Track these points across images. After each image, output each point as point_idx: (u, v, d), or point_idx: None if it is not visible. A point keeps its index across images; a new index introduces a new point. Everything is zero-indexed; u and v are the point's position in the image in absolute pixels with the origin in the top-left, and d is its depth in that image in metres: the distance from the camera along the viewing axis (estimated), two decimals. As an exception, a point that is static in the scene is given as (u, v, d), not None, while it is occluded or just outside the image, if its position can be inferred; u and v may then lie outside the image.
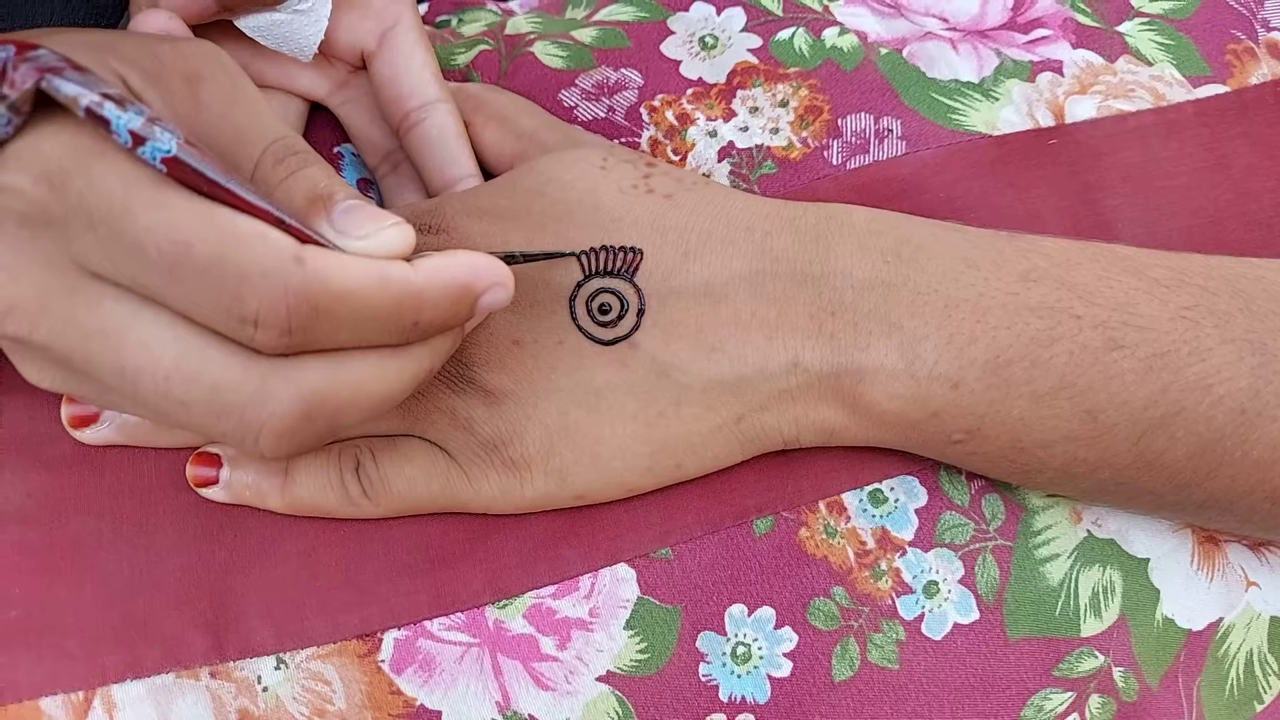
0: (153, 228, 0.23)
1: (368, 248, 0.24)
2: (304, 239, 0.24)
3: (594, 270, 0.30)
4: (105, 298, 0.24)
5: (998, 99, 0.35)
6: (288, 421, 0.24)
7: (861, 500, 0.32)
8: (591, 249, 0.30)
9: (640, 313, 0.29)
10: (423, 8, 0.43)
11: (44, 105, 0.24)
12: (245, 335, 0.23)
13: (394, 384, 0.25)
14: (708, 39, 0.36)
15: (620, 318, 0.30)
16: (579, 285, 0.30)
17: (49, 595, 0.30)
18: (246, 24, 0.34)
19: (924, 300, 0.29)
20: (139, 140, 0.23)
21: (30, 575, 0.30)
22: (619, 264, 0.30)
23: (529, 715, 0.30)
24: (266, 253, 0.23)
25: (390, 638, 0.30)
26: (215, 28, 0.35)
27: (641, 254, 0.30)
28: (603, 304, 0.29)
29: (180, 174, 0.23)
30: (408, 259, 0.25)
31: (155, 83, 0.25)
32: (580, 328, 0.30)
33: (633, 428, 0.30)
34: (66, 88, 0.23)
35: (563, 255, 0.30)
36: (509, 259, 0.28)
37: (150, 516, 0.31)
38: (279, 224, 0.24)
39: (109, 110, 0.23)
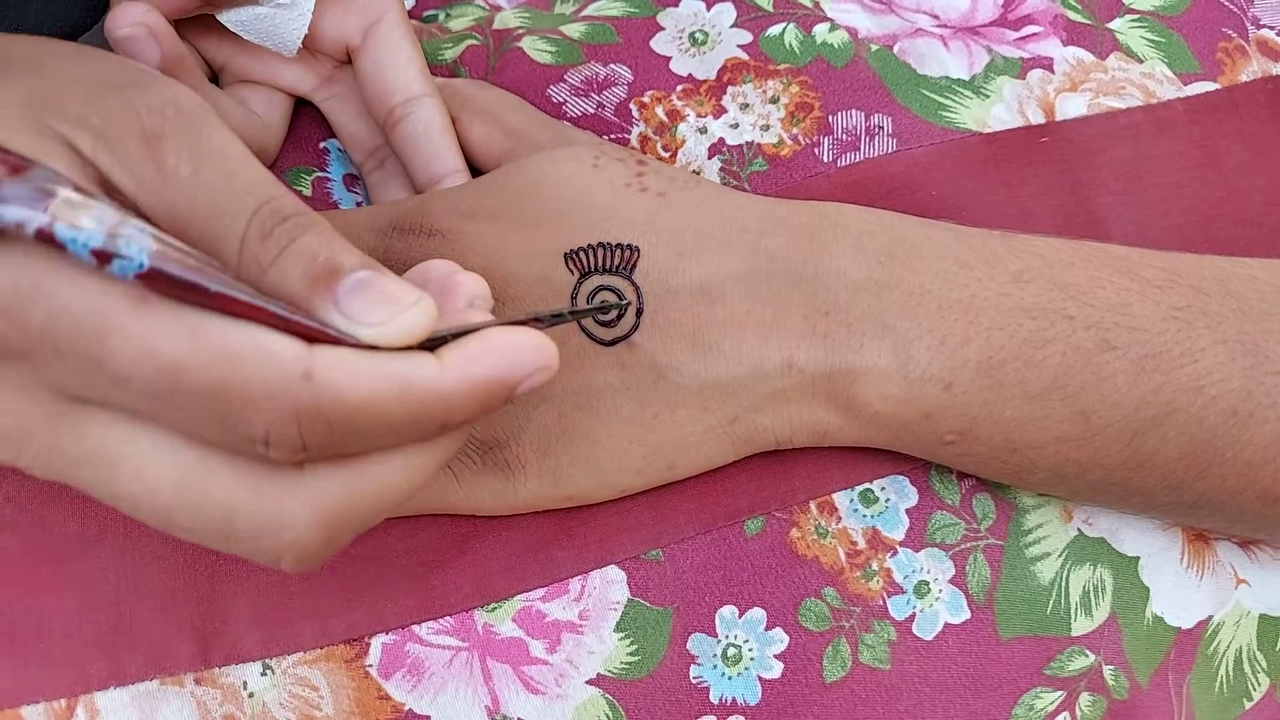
0: (135, 358, 0.20)
1: (384, 337, 0.21)
2: (311, 335, 0.21)
3: (593, 268, 0.29)
4: (92, 423, 0.21)
5: (988, 96, 0.35)
6: (309, 547, 0.22)
7: (852, 500, 0.32)
8: (590, 246, 0.29)
9: (639, 313, 0.29)
10: (409, 2, 0.43)
11: None
12: (257, 453, 0.21)
13: (418, 480, 0.23)
14: (698, 35, 0.36)
15: (620, 317, 0.29)
16: (579, 284, 0.30)
17: (30, 602, 0.29)
18: (229, 18, 0.33)
19: (917, 301, 0.29)
20: (105, 258, 0.19)
21: (11, 582, 0.30)
22: (618, 262, 0.29)
23: (519, 719, 0.30)
24: (268, 372, 0.20)
25: (378, 642, 0.30)
26: (198, 22, 0.34)
27: (639, 251, 0.29)
28: (603, 303, 0.29)
29: (160, 286, 0.20)
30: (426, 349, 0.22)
31: (107, 145, 0.22)
32: (582, 327, 0.29)
33: (628, 429, 0.29)
34: (8, 213, 0.19)
35: (614, 306, 0.28)
36: (556, 319, 0.25)
37: (133, 521, 0.30)
38: (281, 322, 0.20)
39: (62, 232, 0.19)
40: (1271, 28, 0.37)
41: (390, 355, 0.21)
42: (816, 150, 0.34)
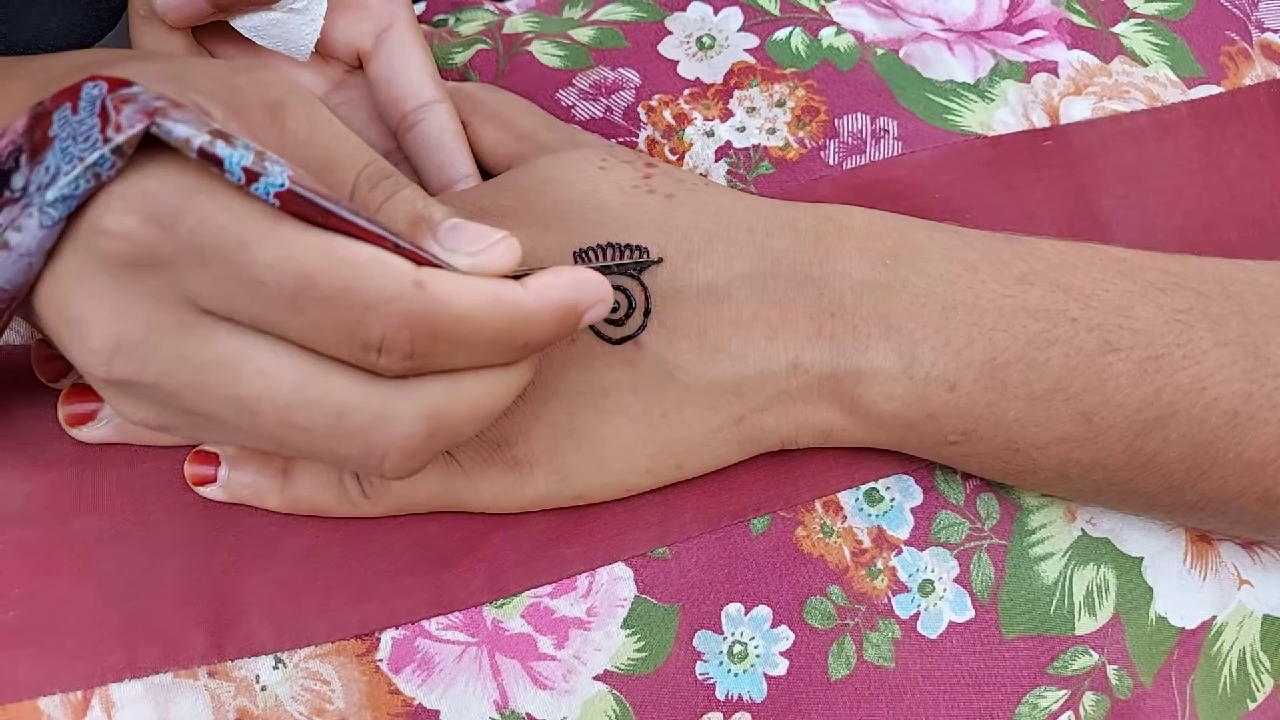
0: (274, 264, 0.23)
1: (480, 264, 0.24)
2: (418, 260, 0.24)
3: (603, 267, 0.30)
4: (218, 331, 0.24)
5: (993, 100, 0.35)
6: (414, 442, 0.24)
7: (858, 499, 0.32)
8: (599, 245, 0.30)
9: (647, 312, 0.30)
10: (420, 7, 0.43)
11: (142, 144, 0.23)
12: (368, 361, 0.23)
13: (504, 398, 0.25)
14: (705, 39, 0.36)
15: (628, 316, 0.30)
16: (604, 266, 0.30)
17: (48, 595, 0.30)
18: (242, 24, 0.34)
19: (922, 303, 0.29)
20: (252, 177, 0.22)
21: (29, 575, 0.30)
22: (629, 262, 0.30)
23: (527, 714, 0.30)
24: (388, 279, 0.23)
25: (388, 637, 0.30)
26: (213, 28, 0.35)
27: (647, 251, 0.30)
28: (635, 260, 0.30)
29: (293, 206, 0.23)
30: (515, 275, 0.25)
31: (237, 114, 0.25)
32: (590, 326, 0.30)
33: (636, 428, 0.30)
34: (178, 130, 0.22)
35: (650, 263, 0.30)
36: (604, 269, 0.28)
37: (150, 515, 0.31)
38: (394, 247, 0.23)
39: (221, 149, 0.22)
40: (1275, 31, 0.38)
41: (484, 278, 0.24)
42: (822, 153, 0.35)
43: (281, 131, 0.25)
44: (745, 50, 0.36)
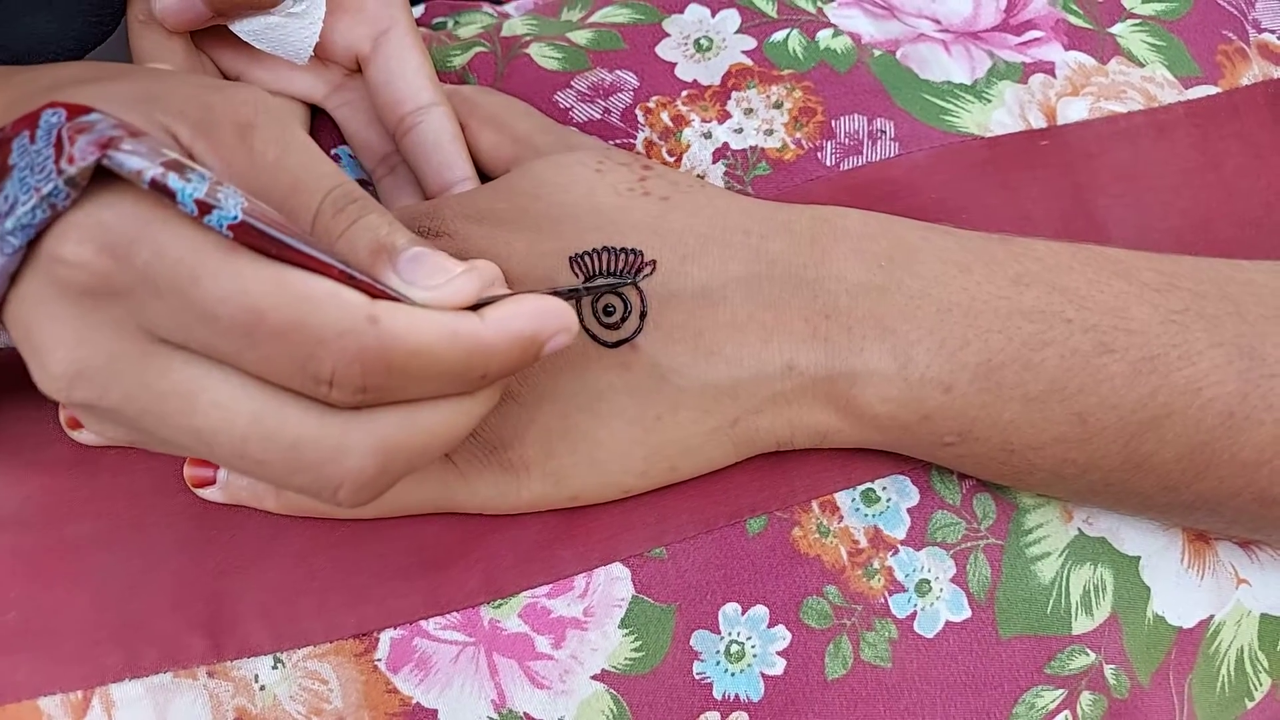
0: (226, 297, 0.23)
1: (438, 298, 0.24)
2: (373, 293, 0.24)
3: (597, 271, 0.30)
4: (175, 360, 0.24)
5: (990, 100, 0.35)
6: (366, 474, 0.24)
7: (854, 499, 0.32)
8: (594, 249, 0.30)
9: (643, 315, 0.30)
10: (418, 10, 0.43)
11: (100, 172, 0.23)
12: (320, 393, 0.23)
13: (463, 427, 0.25)
14: (702, 41, 0.37)
15: (623, 319, 0.30)
16: (584, 286, 0.30)
17: (47, 597, 0.30)
18: (241, 28, 0.34)
19: (917, 304, 0.29)
20: (205, 209, 0.22)
21: (28, 578, 0.30)
22: (622, 265, 0.30)
23: (524, 714, 0.30)
24: (340, 314, 0.23)
25: (386, 637, 0.30)
26: (211, 33, 0.35)
27: (641, 255, 0.30)
28: (607, 305, 0.30)
29: (247, 238, 0.23)
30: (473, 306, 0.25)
31: (205, 134, 0.25)
32: (585, 329, 0.30)
33: (631, 431, 0.30)
34: (129, 162, 0.22)
35: (624, 284, 0.30)
36: (572, 293, 0.28)
37: (146, 518, 0.31)
38: (348, 279, 0.23)
39: (173, 181, 0.22)
40: (1272, 31, 0.37)
41: (441, 311, 0.24)
42: (819, 154, 0.35)
43: (249, 153, 0.25)
44: (742, 52, 0.36)
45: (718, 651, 0.31)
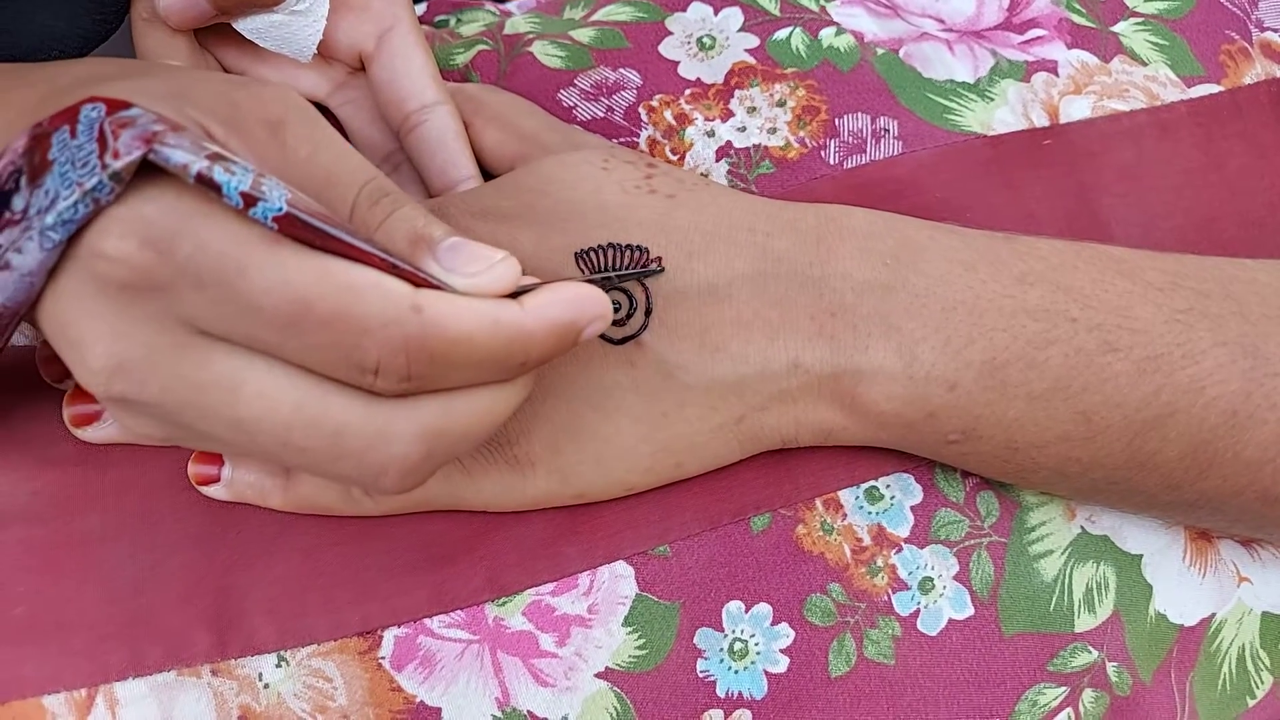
0: (270, 289, 0.23)
1: (478, 285, 0.24)
2: (415, 281, 0.24)
3: (603, 268, 0.30)
4: (216, 352, 0.24)
5: (993, 99, 0.35)
6: (411, 460, 0.24)
7: (858, 497, 0.32)
8: (600, 246, 0.30)
9: (648, 312, 0.30)
10: (421, 8, 0.43)
11: (140, 167, 0.23)
12: (365, 382, 0.23)
13: (501, 414, 0.25)
14: (705, 39, 0.37)
15: (629, 316, 0.30)
16: (615, 274, 0.30)
17: (54, 593, 0.30)
18: (244, 26, 0.34)
19: (922, 303, 0.29)
20: (250, 201, 0.22)
21: (35, 573, 0.30)
22: (628, 262, 0.30)
23: (528, 712, 0.30)
24: (385, 303, 0.23)
25: (391, 635, 0.30)
26: (215, 31, 0.35)
27: (647, 251, 0.30)
28: (614, 302, 0.30)
29: (291, 230, 0.23)
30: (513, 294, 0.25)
31: (237, 131, 0.25)
32: None
33: (636, 428, 0.30)
34: (175, 156, 0.22)
35: (653, 272, 0.30)
36: (604, 281, 0.28)
37: (153, 514, 0.31)
38: (391, 269, 0.23)
39: (219, 174, 0.22)
40: (1275, 30, 0.38)
41: (482, 299, 0.24)
42: (823, 153, 0.35)
43: (282, 149, 0.25)
44: (746, 50, 0.36)
45: (721, 649, 0.31)
